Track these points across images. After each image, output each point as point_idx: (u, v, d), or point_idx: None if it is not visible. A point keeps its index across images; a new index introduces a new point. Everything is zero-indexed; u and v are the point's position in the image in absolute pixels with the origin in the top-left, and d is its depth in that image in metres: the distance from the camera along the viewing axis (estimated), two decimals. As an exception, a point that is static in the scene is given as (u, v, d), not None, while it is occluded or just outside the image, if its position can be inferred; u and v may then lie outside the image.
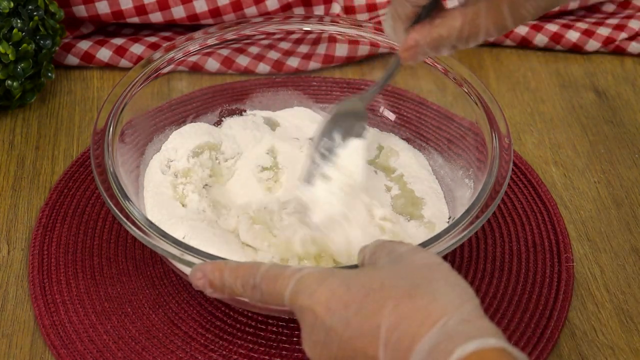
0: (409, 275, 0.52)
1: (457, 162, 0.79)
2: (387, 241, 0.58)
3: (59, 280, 0.74)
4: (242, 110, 0.86)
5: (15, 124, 0.89)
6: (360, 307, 0.51)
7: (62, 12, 0.89)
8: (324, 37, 0.90)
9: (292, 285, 0.54)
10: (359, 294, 0.52)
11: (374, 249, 0.57)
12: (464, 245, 0.78)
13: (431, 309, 0.50)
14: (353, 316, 0.51)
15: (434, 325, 0.49)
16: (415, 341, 0.49)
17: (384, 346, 0.50)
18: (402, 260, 0.54)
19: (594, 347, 0.72)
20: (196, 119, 0.83)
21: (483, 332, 0.48)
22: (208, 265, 0.59)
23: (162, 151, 0.79)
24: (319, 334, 0.53)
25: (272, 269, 0.56)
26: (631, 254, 0.79)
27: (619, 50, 0.99)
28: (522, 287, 0.75)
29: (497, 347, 0.47)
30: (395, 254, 0.55)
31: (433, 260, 0.54)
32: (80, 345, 0.69)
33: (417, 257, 0.55)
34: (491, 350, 0.47)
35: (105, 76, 0.95)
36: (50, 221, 0.79)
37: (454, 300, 0.50)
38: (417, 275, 0.52)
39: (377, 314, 0.50)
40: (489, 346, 0.47)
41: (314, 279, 0.54)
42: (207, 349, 0.70)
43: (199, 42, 0.82)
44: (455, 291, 0.51)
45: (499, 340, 0.48)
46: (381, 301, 0.51)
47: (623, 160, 0.87)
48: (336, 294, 0.52)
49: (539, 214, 0.81)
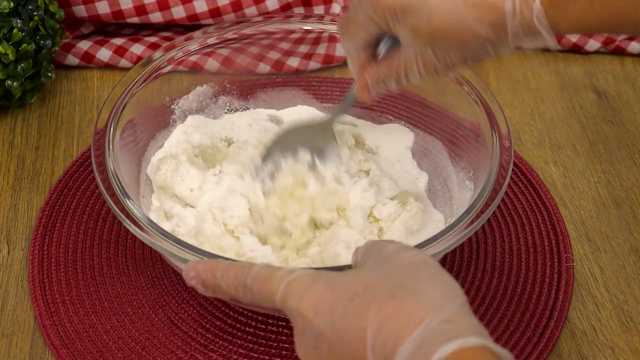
0: (394, 276, 0.52)
1: (458, 163, 0.79)
2: (377, 241, 0.58)
3: (59, 280, 0.74)
4: (246, 108, 0.86)
5: (15, 124, 0.89)
6: (346, 311, 0.51)
7: (62, 12, 0.89)
8: (324, 37, 0.91)
9: (282, 288, 0.54)
10: (344, 298, 0.52)
11: (365, 249, 0.57)
12: (464, 245, 0.78)
13: (414, 310, 0.50)
14: (339, 320, 0.51)
15: (416, 327, 0.49)
16: (398, 343, 0.49)
17: (371, 349, 0.50)
18: (388, 260, 0.54)
19: (594, 347, 0.72)
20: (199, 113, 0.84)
21: (464, 332, 0.48)
22: (200, 265, 0.58)
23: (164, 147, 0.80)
24: (309, 337, 0.53)
25: (263, 271, 0.56)
26: (631, 254, 0.79)
27: (619, 50, 0.99)
28: (522, 287, 0.75)
29: (476, 346, 0.47)
30: (383, 253, 0.55)
31: (419, 259, 0.54)
32: (80, 345, 0.69)
33: (404, 255, 0.54)
34: (471, 349, 0.47)
35: (105, 76, 0.95)
36: (50, 221, 0.79)
37: (438, 300, 0.50)
38: (403, 275, 0.52)
39: (362, 318, 0.50)
40: (469, 345, 0.47)
41: (303, 282, 0.54)
42: (207, 349, 0.70)
43: (199, 42, 0.82)
44: (440, 290, 0.51)
45: (479, 339, 0.48)
46: (365, 304, 0.51)
47: (623, 160, 0.87)
48: (323, 298, 0.52)
49: (539, 214, 0.81)
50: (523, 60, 0.99)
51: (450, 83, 0.79)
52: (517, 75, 0.97)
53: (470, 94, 0.77)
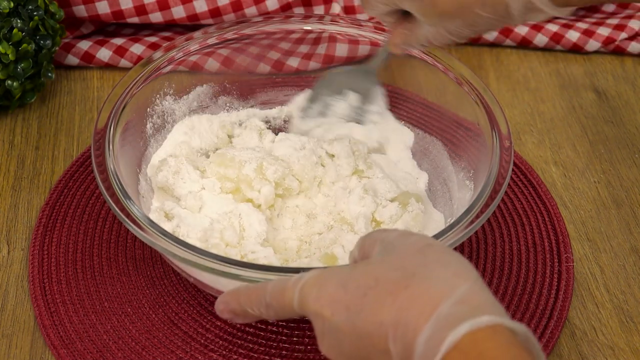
0: (403, 265, 0.52)
1: (458, 163, 0.79)
2: (375, 231, 0.58)
3: (59, 280, 0.74)
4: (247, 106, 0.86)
5: (15, 124, 0.89)
6: (361, 307, 0.51)
7: (62, 12, 0.89)
8: (324, 37, 0.90)
9: (297, 295, 0.55)
10: (357, 294, 0.52)
11: (362, 242, 0.57)
12: (464, 245, 0.78)
13: (428, 297, 0.49)
14: (356, 317, 0.51)
15: (432, 313, 0.48)
16: (417, 333, 0.48)
17: (393, 342, 0.50)
18: (394, 248, 0.54)
19: (594, 347, 0.72)
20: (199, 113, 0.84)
21: (476, 311, 0.48)
22: (227, 296, 0.60)
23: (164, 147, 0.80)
24: (330, 337, 0.53)
25: (277, 285, 0.57)
26: (631, 254, 0.79)
27: (619, 50, 0.99)
28: (522, 287, 0.75)
29: (490, 325, 0.47)
30: (386, 242, 0.55)
31: (424, 242, 0.54)
32: (80, 345, 0.69)
33: (409, 242, 0.54)
34: (484, 329, 0.47)
35: (105, 76, 0.95)
36: (50, 221, 0.79)
37: (450, 282, 0.50)
38: (411, 262, 0.52)
39: (379, 312, 0.50)
40: (481, 325, 0.47)
41: (314, 284, 0.54)
42: (207, 349, 0.70)
43: (199, 42, 0.82)
44: (451, 271, 0.51)
45: (492, 317, 0.47)
46: (379, 298, 0.51)
47: (623, 160, 0.87)
48: (336, 298, 0.52)
49: (539, 214, 0.81)
50: (523, 60, 0.99)
51: (450, 83, 0.79)
52: (517, 75, 0.97)
53: (470, 94, 0.77)
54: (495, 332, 0.47)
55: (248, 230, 0.72)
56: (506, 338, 0.47)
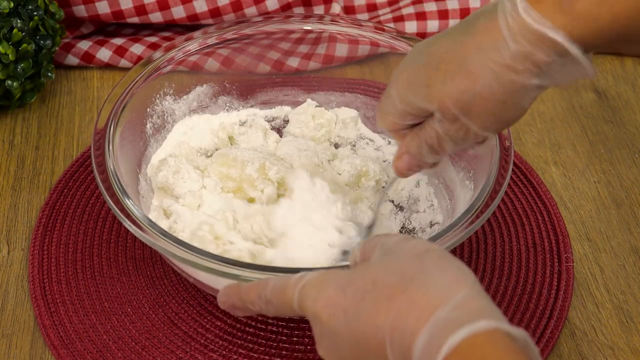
0: (401, 269, 0.52)
1: (458, 163, 0.79)
2: (376, 236, 0.58)
3: (59, 280, 0.74)
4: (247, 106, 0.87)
5: (15, 124, 0.89)
6: (359, 311, 0.51)
7: (62, 12, 0.89)
8: (324, 37, 0.90)
9: (297, 295, 0.55)
10: (355, 298, 0.52)
11: (363, 246, 0.57)
12: (464, 245, 0.78)
13: (425, 302, 0.49)
14: (353, 321, 0.51)
15: (429, 318, 0.48)
16: (413, 338, 0.48)
17: (390, 347, 0.50)
18: (392, 253, 0.54)
19: (594, 347, 0.72)
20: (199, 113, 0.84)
21: (474, 316, 0.47)
22: (228, 289, 0.61)
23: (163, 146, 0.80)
24: (328, 339, 0.53)
25: (278, 282, 0.57)
26: (631, 254, 0.79)
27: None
28: (522, 287, 0.75)
29: (489, 330, 0.47)
30: (386, 247, 0.55)
31: (423, 247, 0.54)
32: (80, 345, 0.69)
33: (407, 246, 0.54)
34: (483, 334, 0.47)
35: (105, 76, 0.95)
36: (50, 221, 0.79)
37: (448, 287, 0.50)
38: (409, 267, 0.52)
39: (376, 316, 0.50)
40: (479, 330, 0.47)
41: (313, 285, 0.54)
42: (207, 349, 0.70)
43: (199, 42, 0.82)
44: (449, 276, 0.51)
45: (490, 322, 0.47)
46: (377, 302, 0.51)
47: (623, 160, 0.87)
48: (334, 300, 0.53)
49: (539, 214, 0.81)
50: (523, 60, 0.99)
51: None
52: (517, 75, 0.97)
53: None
54: (494, 337, 0.47)
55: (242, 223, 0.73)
56: (505, 343, 0.47)
